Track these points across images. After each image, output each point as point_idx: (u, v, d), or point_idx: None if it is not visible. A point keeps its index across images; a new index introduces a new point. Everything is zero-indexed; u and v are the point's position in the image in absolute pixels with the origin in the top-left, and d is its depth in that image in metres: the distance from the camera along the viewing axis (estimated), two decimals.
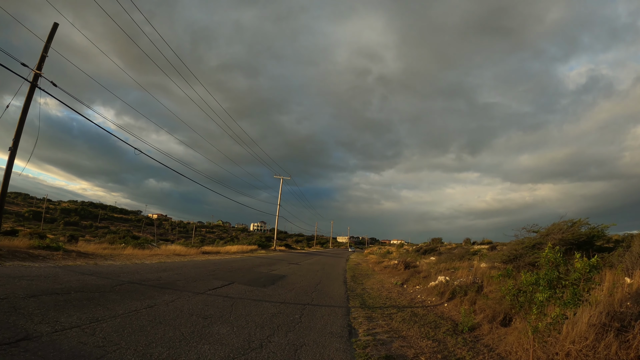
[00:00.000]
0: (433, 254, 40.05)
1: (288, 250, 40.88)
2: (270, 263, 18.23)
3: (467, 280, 10.63)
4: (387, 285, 13.00)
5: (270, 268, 15.09)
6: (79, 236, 52.26)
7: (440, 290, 10.01)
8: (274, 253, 31.25)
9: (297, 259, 24.55)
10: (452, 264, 14.11)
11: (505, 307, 7.47)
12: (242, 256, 22.22)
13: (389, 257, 31.91)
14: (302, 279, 12.10)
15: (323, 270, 16.92)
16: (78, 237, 37.41)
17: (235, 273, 11.75)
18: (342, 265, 23.53)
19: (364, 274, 17.28)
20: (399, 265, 18.45)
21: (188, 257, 16.66)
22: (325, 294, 9.41)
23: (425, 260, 20.54)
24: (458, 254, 16.13)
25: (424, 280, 12.39)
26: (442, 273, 12.75)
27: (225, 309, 6.18)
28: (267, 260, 20.45)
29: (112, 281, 7.77)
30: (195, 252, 19.88)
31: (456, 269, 13.05)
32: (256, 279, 10.80)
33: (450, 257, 15.98)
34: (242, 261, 17.51)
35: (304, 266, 18.57)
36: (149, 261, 13.27)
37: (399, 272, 17.29)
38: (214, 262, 15.17)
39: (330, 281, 12.62)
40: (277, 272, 13.43)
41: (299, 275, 13.20)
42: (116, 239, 22.51)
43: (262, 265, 16.39)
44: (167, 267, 11.46)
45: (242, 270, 13.03)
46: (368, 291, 10.98)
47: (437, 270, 13.32)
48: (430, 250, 44.27)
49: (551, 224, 8.66)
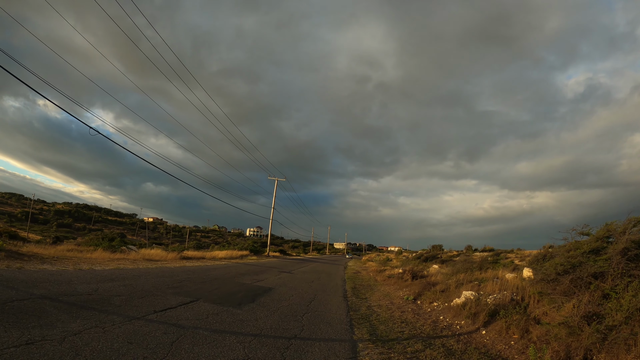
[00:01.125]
0: (435, 262, 37.62)
1: (282, 257, 38.21)
2: (258, 271, 15.74)
3: (502, 297, 8.26)
4: (396, 300, 10.59)
5: (256, 278, 12.61)
6: (71, 238, 49.60)
7: (471, 310, 7.63)
8: (267, 259, 28.67)
9: (291, 267, 22.04)
10: (473, 275, 11.73)
11: (584, 341, 5.12)
12: (229, 263, 19.69)
13: (390, 265, 29.44)
14: (293, 293, 9.66)
15: (319, 281, 14.45)
16: (63, 239, 34.84)
17: (208, 285, 9.29)
18: (340, 273, 21.05)
19: (366, 285, 14.84)
20: (406, 275, 16.03)
21: (160, 263, 14.16)
22: (321, 316, 6.98)
23: (433, 269, 18.16)
24: (477, 263, 13.75)
25: (443, 296, 10.00)
26: (463, 286, 10.40)
27: (158, 352, 3.77)
28: (255, 267, 17.94)
29: (15, 294, 5.34)
30: (174, 257, 17.36)
31: (482, 282, 10.70)
32: (232, 293, 8.34)
33: (467, 266, 13.59)
34: (225, 269, 15.02)
35: (297, 275, 16.10)
36: (105, 267, 10.78)
37: (406, 283, 14.87)
38: (189, 270, 12.68)
39: (327, 295, 10.18)
40: (262, 284, 10.97)
41: (290, 288, 10.75)
42: (94, 241, 20.04)
43: (248, 274, 13.90)
44: (119, 276, 8.98)
45: (219, 280, 10.56)
46: (375, 310, 8.56)
47: (456, 282, 10.94)
48: (432, 258, 41.84)
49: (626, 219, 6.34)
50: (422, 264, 31.36)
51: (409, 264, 29.18)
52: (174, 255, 17.55)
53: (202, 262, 17.73)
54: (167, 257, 16.71)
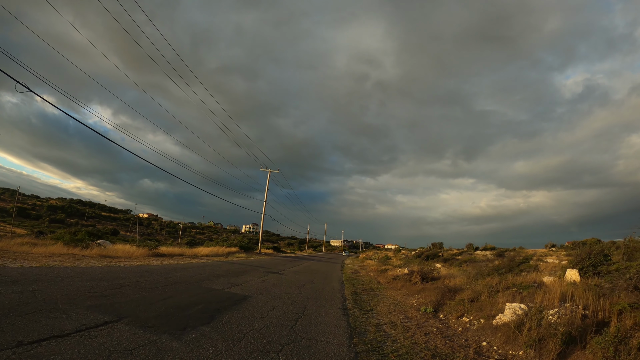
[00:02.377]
0: (437, 260, 35.27)
1: (275, 254, 35.63)
2: (240, 272, 13.18)
3: (569, 313, 5.81)
4: (411, 312, 8.10)
5: (233, 281, 10.04)
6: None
7: (532, 334, 5.17)
8: (257, 257, 26.11)
9: (281, 266, 19.50)
10: (507, 279, 9.26)
11: None
12: (210, 261, 17.11)
13: (391, 264, 27.01)
14: (275, 304, 7.14)
15: (312, 284, 11.93)
16: (48, 233, 32.24)
17: (157, 293, 6.72)
18: (338, 274, 18.56)
19: (369, 289, 12.37)
20: (414, 277, 13.56)
21: (117, 261, 11.53)
22: (311, 349, 4.40)
23: (443, 269, 15.74)
24: (504, 263, 11.28)
25: (474, 307, 7.53)
26: (499, 294, 7.94)
27: None
28: (239, 267, 15.39)
29: None
30: (143, 254, 14.75)
31: (521, 288, 8.25)
32: (184, 307, 5.78)
33: (495, 268, 11.13)
34: (199, 269, 12.44)
35: (287, 276, 13.57)
36: (34, 264, 8.16)
37: (417, 287, 12.41)
38: (146, 271, 10.05)
39: (321, 306, 7.66)
40: (237, 290, 8.40)
41: (273, 296, 8.22)
42: (57, 234, 17.45)
43: (225, 275, 11.32)
44: (30, 277, 6.37)
45: (179, 285, 7.99)
46: (388, 332, 6.03)
47: (487, 288, 8.45)
48: (433, 256, 39.50)
49: None
50: (424, 263, 28.96)
51: (413, 263, 26.77)
52: (144, 251, 14.93)
53: (177, 260, 15.12)
54: (134, 254, 14.10)
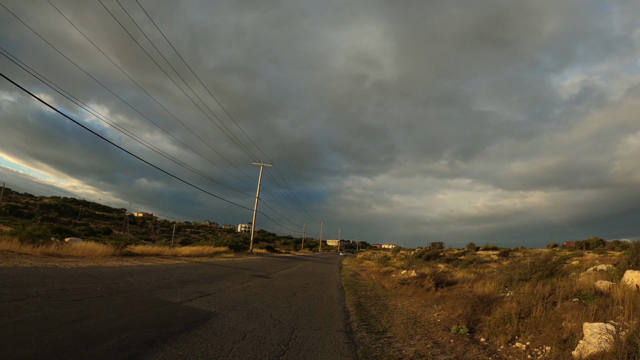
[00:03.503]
0: (439, 261, 33.20)
1: (269, 254, 33.34)
2: (218, 276, 10.92)
3: None
4: (438, 334, 5.93)
5: (202, 290, 7.77)
6: None
7: None
8: (247, 257, 23.85)
9: (272, 267, 17.27)
10: (552, 285, 7.12)
11: None
12: (188, 262, 14.82)
13: (393, 265, 24.88)
14: (250, 327, 4.93)
15: (305, 292, 9.71)
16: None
17: (79, 309, 4.46)
18: (335, 277, 16.37)
19: (374, 298, 10.19)
20: (426, 282, 11.40)
21: (65, 261, 9.22)
22: None
23: (462, 273, 13.59)
24: (541, 266, 9.11)
25: (528, 326, 5.42)
26: (557, 307, 5.84)
27: None
28: (220, 269, 13.13)
29: None
30: (108, 252, 12.46)
31: (582, 297, 6.14)
32: (99, 336, 3.49)
33: (529, 271, 8.96)
34: (166, 272, 10.13)
35: (276, 281, 11.36)
36: None
37: (432, 294, 10.25)
38: (91, 274, 7.68)
39: (316, 330, 5.43)
40: (201, 304, 6.15)
41: (249, 312, 6.00)
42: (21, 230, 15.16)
43: (195, 281, 9.05)
44: None
45: (122, 295, 5.72)
46: None
47: (541, 299, 6.32)
48: (434, 256, 37.42)
49: None
50: (426, 263, 26.91)
51: (415, 264, 24.71)
52: (108, 250, 12.64)
53: (147, 261, 12.83)
54: (94, 254, 11.80)
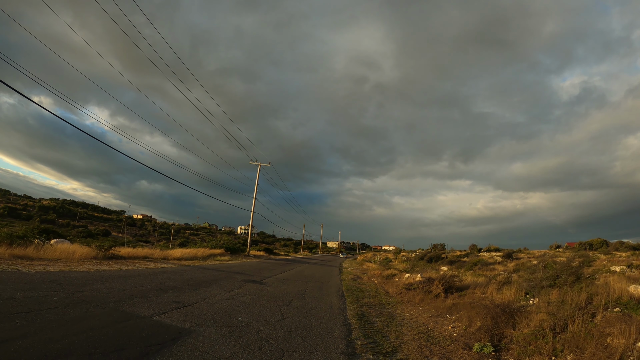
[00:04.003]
0: (441, 263, 32.13)
1: (267, 257, 32.34)
2: (205, 281, 9.93)
3: None
4: (457, 354, 4.96)
5: (182, 300, 6.77)
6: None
7: None
8: (243, 260, 22.85)
9: (268, 271, 16.30)
10: (583, 291, 6.18)
11: None
12: (176, 266, 13.84)
13: (395, 268, 23.90)
14: (230, 350, 3.97)
15: (301, 300, 8.73)
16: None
17: (14, 327, 3.56)
18: (335, 281, 15.40)
19: (379, 306, 9.22)
20: (435, 287, 10.45)
21: (33, 265, 8.26)
22: None
23: (472, 277, 12.59)
24: (564, 270, 8.14)
25: (566, 345, 4.45)
26: (598, 318, 4.91)
27: None
28: (209, 274, 12.16)
29: None
30: (89, 255, 11.49)
31: (630, 309, 5.21)
32: None
33: (553, 275, 8.00)
34: (146, 278, 9.10)
35: (270, 287, 10.39)
36: None
37: (442, 301, 9.29)
38: (55, 280, 6.64)
39: (311, 353, 4.42)
40: (175, 318, 5.16)
41: (232, 329, 5.03)
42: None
43: (177, 288, 8.03)
44: None
45: (81, 307, 4.70)
46: None
47: (577, 309, 5.38)
48: (436, 258, 36.33)
49: None
50: (429, 266, 25.91)
51: (419, 266, 23.75)
52: (89, 253, 11.66)
53: (130, 264, 11.84)
54: (73, 256, 10.81)
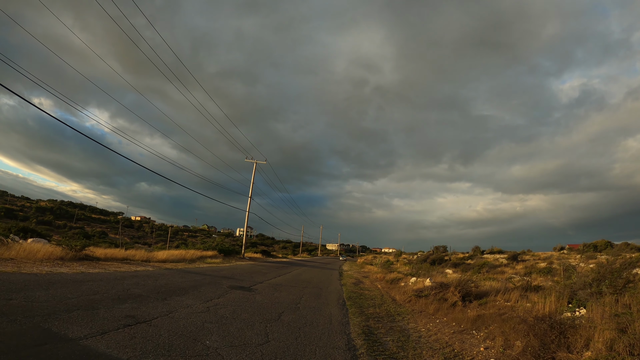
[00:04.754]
0: (445, 265, 30.67)
1: (263, 259, 30.89)
2: (184, 288, 8.48)
3: None
4: None
5: (140, 313, 5.33)
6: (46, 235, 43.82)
7: None
8: (237, 263, 21.43)
9: (261, 275, 14.88)
10: None
11: None
12: (158, 269, 12.38)
13: (399, 271, 22.49)
14: None
15: (294, 312, 7.31)
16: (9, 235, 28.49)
17: None
18: (335, 285, 13.99)
19: (386, 316, 7.82)
20: (450, 294, 9.05)
21: None
22: None
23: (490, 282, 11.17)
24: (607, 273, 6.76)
25: None
26: None
27: None
28: (192, 278, 10.73)
29: None
30: (57, 255, 10.08)
31: None
32: None
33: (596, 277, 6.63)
34: (110, 282, 7.62)
35: (259, 296, 8.97)
36: None
37: (458, 310, 7.91)
38: None
39: None
40: (109, 345, 3.67)
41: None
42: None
43: (144, 297, 6.61)
44: None
45: None
46: None
47: None
48: (440, 261, 34.92)
49: None
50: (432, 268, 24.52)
51: (424, 269, 22.36)
52: (59, 252, 10.26)
53: (102, 267, 10.41)
54: (37, 256, 9.41)
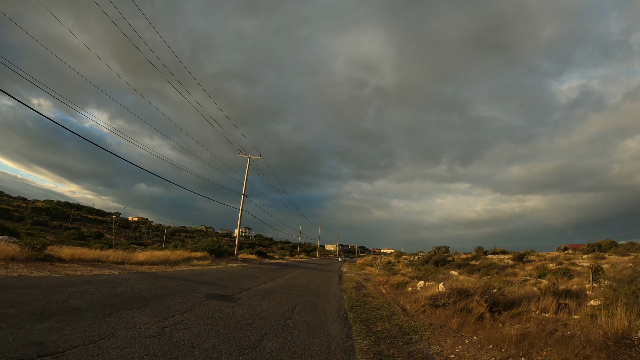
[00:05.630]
0: (449, 267, 29.12)
1: (258, 260, 29.23)
2: (143, 298, 6.83)
3: None
4: None
5: (58, 338, 3.66)
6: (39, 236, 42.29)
7: None
8: (227, 265, 19.80)
9: (250, 280, 13.27)
10: None
11: None
12: (127, 272, 10.74)
13: (402, 273, 20.94)
14: None
15: (283, 332, 5.69)
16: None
17: None
18: (334, 291, 12.40)
19: (399, 334, 6.23)
20: (475, 304, 7.50)
21: None
22: None
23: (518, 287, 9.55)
24: None
25: None
26: None
27: None
28: (163, 284, 9.09)
29: None
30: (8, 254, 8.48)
31: None
32: None
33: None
34: (48, 290, 5.87)
35: (240, 309, 7.33)
36: None
37: (489, 324, 6.37)
38: None
39: None
40: None
41: None
42: None
43: (82, 311, 4.89)
44: None
45: None
46: None
47: None
48: (443, 262, 33.35)
49: None
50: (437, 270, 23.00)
51: (428, 270, 20.83)
52: (17, 252, 8.64)
53: (59, 269, 8.76)
54: None
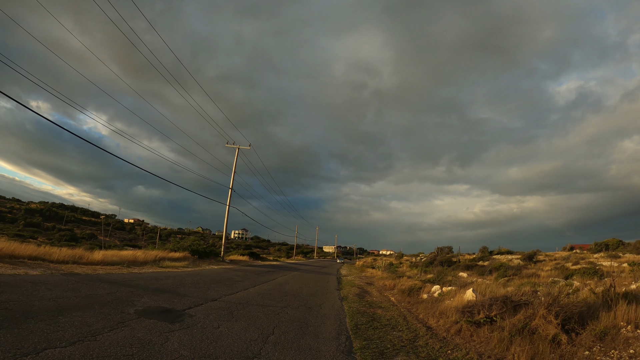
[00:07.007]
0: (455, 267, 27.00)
1: (248, 262, 26.85)
2: (26, 313, 4.71)
3: None
4: None
5: None
6: (29, 237, 39.68)
7: None
8: (209, 267, 17.46)
9: (226, 287, 10.90)
10: None
11: None
12: (54, 273, 8.54)
13: (407, 275, 18.69)
14: None
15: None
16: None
17: None
18: (333, 300, 10.09)
19: None
20: (539, 320, 5.26)
21: None
22: None
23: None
24: None
25: None
26: None
27: None
28: (86, 292, 6.66)
29: None
30: None
31: None
32: None
33: None
34: None
35: (183, 332, 5.01)
36: None
37: (570, 351, 4.20)
38: None
39: None
40: None
41: None
42: None
43: None
44: None
45: None
46: None
47: None
48: (449, 263, 31.15)
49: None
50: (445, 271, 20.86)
51: (441, 273, 18.67)
52: None
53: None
54: None
